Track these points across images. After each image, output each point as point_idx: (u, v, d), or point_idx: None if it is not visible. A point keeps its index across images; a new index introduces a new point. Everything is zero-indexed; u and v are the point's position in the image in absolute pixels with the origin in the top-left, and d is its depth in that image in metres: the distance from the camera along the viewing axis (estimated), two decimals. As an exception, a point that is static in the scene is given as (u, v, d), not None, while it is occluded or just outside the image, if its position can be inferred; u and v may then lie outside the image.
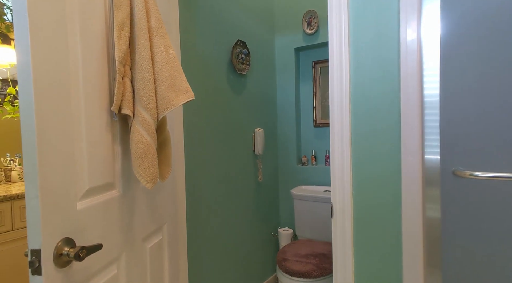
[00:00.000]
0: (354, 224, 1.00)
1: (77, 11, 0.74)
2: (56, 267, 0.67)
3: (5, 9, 2.15)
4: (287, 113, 2.36)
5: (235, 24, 1.87)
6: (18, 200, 1.78)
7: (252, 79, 2.05)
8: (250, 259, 2.03)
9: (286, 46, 2.33)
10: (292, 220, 2.39)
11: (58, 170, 0.68)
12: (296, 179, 2.35)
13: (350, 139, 1.00)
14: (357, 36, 1.00)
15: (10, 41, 2.13)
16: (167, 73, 0.84)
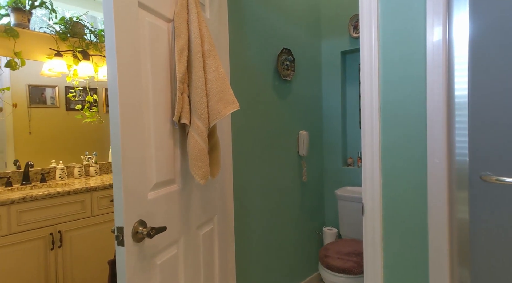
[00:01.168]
0: (383, 222, 1.08)
1: (148, 41, 0.96)
2: (133, 242, 0.89)
3: (85, 30, 2.60)
4: (332, 116, 2.43)
5: (281, 33, 2.02)
6: (95, 191, 2.16)
7: (297, 84, 2.18)
8: (295, 256, 2.16)
9: (332, 50, 2.40)
10: (336, 219, 2.46)
11: (135, 167, 0.90)
12: (341, 180, 2.41)
13: (380, 142, 1.08)
14: (386, 42, 1.07)
15: (89, 57, 2.57)
16: (217, 88, 1.03)
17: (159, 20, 1.01)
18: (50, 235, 1.94)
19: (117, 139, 0.86)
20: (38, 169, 2.35)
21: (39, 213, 1.91)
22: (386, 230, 1.08)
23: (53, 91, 2.50)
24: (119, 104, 0.85)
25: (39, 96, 2.44)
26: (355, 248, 1.87)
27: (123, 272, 0.85)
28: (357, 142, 2.43)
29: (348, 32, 2.30)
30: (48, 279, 1.94)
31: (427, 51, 0.98)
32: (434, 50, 0.98)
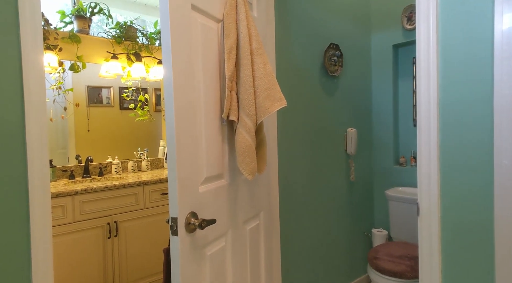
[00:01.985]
0: (441, 224, 1.03)
1: (200, 42, 1.03)
2: (186, 232, 0.96)
3: (138, 33, 2.81)
4: (383, 113, 2.35)
5: (328, 28, 2.00)
6: (147, 185, 2.34)
7: (344, 80, 2.14)
8: (341, 256, 2.14)
9: (383, 44, 2.32)
10: (386, 221, 2.38)
11: (188, 162, 0.97)
12: (392, 180, 2.32)
13: (438, 140, 1.03)
14: (446, 33, 1.02)
15: (141, 58, 2.77)
16: (264, 86, 1.07)
17: (210, 21, 1.07)
18: (107, 225, 2.15)
19: (172, 136, 0.94)
20: (96, 164, 2.61)
21: (98, 204, 2.12)
22: (445, 232, 1.03)
23: (108, 92, 2.75)
24: (174, 103, 0.93)
25: (96, 96, 2.70)
26: (407, 251, 1.80)
27: (177, 260, 0.93)
28: (410, 140, 2.31)
29: (401, 24, 2.20)
30: (106, 265, 2.14)
31: (495, 41, 0.91)
32: (503, 40, 0.91)
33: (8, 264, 0.97)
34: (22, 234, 0.99)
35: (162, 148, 3.03)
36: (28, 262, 1.00)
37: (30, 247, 1.00)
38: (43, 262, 1.01)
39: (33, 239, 1.00)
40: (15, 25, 1.00)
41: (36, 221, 1.01)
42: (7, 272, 0.97)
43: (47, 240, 1.02)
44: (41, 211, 1.02)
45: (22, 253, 0.99)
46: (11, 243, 0.98)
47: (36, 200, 1.02)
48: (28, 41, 1.01)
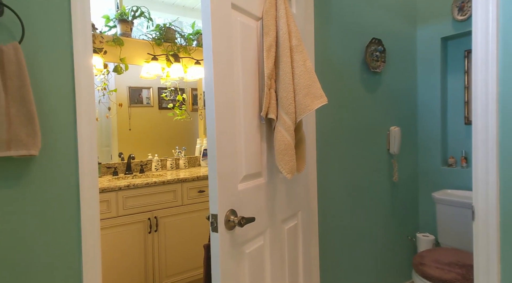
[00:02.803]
0: (501, 230, 0.96)
1: (239, 40, 1.05)
2: (226, 229, 0.99)
3: (176, 35, 2.92)
4: (430, 110, 2.23)
5: (370, 23, 1.94)
6: (185, 182, 2.43)
7: (387, 76, 2.07)
8: (383, 260, 2.07)
9: (430, 37, 2.20)
10: (433, 225, 2.26)
11: (227, 160, 1.00)
12: (440, 182, 2.20)
13: (497, 139, 0.96)
14: (508, 21, 0.94)
15: (179, 59, 2.88)
16: (304, 83, 1.06)
17: (249, 19, 1.09)
18: (148, 220, 2.26)
19: (213, 134, 0.97)
20: (137, 161, 2.76)
21: (140, 199, 2.24)
22: (505, 238, 0.96)
23: (148, 92, 2.89)
24: (214, 102, 0.96)
25: (137, 97, 2.84)
26: (458, 259, 1.70)
27: (217, 256, 0.96)
28: (461, 139, 2.17)
29: (451, 15, 2.08)
30: (146, 258, 2.26)
31: None
32: None
33: (61, 250, 1.07)
34: (73, 225, 1.09)
35: (198, 147, 3.12)
36: (78, 249, 1.09)
37: (80, 236, 1.09)
38: (92, 249, 1.10)
39: (83, 229, 1.09)
40: (68, 32, 1.09)
41: (86, 212, 1.10)
42: (60, 257, 1.06)
43: (96, 230, 1.11)
44: (90, 204, 1.11)
45: (73, 240, 1.09)
46: (64, 232, 1.07)
47: (86, 194, 1.10)
48: (79, 46, 1.10)
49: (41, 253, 1.04)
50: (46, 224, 1.05)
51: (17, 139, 0.97)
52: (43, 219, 1.05)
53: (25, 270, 1.01)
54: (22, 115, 0.98)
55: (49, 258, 1.05)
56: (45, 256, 1.05)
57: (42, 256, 1.04)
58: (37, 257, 1.03)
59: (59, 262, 1.07)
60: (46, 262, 1.05)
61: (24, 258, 1.01)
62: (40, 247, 1.04)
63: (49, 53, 1.07)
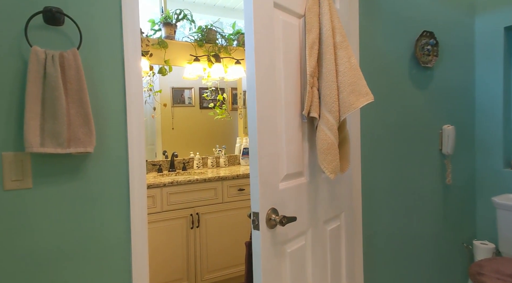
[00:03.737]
0: None
1: (281, 39, 1.06)
2: (267, 227, 1.00)
3: (217, 35, 3.00)
4: (490, 107, 2.06)
5: (420, 14, 1.84)
6: (226, 180, 2.49)
7: (440, 71, 1.95)
8: (434, 268, 1.95)
9: (491, 27, 2.03)
10: (493, 232, 2.08)
11: (269, 158, 1.01)
12: (502, 185, 2.03)
13: None
14: None
15: (220, 59, 2.95)
16: (349, 80, 1.04)
17: (291, 17, 1.09)
18: (190, 216, 2.36)
19: (254, 133, 0.98)
20: (180, 159, 2.88)
21: (182, 196, 2.34)
22: None
23: (190, 92, 3.01)
24: (256, 101, 0.98)
25: (179, 97, 2.97)
26: (522, 272, 1.55)
27: (258, 253, 0.98)
28: (525, 139, 1.98)
29: (515, -1, 1.89)
30: (188, 253, 2.36)
31: None
32: None
33: (112, 240, 1.16)
34: (123, 217, 1.18)
35: (238, 145, 3.18)
36: (128, 240, 1.17)
37: (130, 228, 1.17)
38: (140, 239, 1.17)
39: (133, 222, 1.17)
40: (119, 37, 1.18)
41: (135, 206, 1.18)
42: (112, 247, 1.15)
43: (143, 224, 1.18)
44: (139, 199, 1.19)
45: (123, 232, 1.17)
46: (116, 224, 1.16)
47: (136, 189, 1.18)
48: (129, 50, 1.18)
49: (94, 242, 1.14)
50: (99, 216, 1.15)
51: (76, 138, 1.07)
52: (97, 212, 1.14)
53: (80, 257, 1.11)
54: (80, 116, 1.08)
55: (102, 248, 1.15)
56: (98, 245, 1.14)
57: (95, 245, 1.14)
58: (91, 245, 1.13)
59: (111, 251, 1.16)
60: (99, 251, 1.14)
61: (80, 246, 1.12)
62: (94, 237, 1.14)
63: (102, 58, 1.16)
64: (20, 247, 1.04)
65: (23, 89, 1.05)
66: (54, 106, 1.03)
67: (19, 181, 1.06)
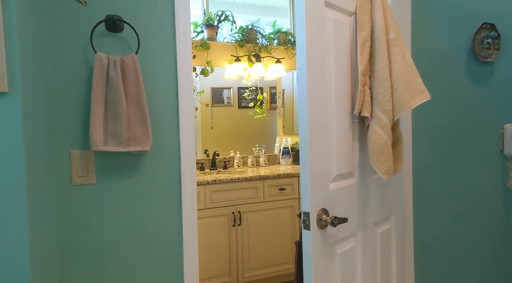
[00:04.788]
0: None
1: (332, 37, 1.05)
2: (318, 228, 1.01)
3: (257, 35, 3.03)
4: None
5: (479, 5, 1.73)
6: (266, 180, 2.52)
7: (501, 66, 1.81)
8: (491, 278, 1.83)
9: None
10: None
11: (319, 159, 1.01)
12: None
13: None
14: None
15: (261, 59, 2.98)
16: (403, 78, 1.01)
17: (342, 15, 1.08)
18: (232, 214, 2.41)
19: (305, 132, 0.99)
20: (221, 158, 2.95)
21: (224, 194, 2.40)
22: None
23: (229, 92, 3.07)
24: (307, 101, 0.98)
25: (219, 97, 3.04)
26: None
27: (309, 253, 0.98)
28: None
29: None
30: (230, 250, 2.42)
31: None
32: None
33: (166, 234, 1.23)
34: (176, 212, 1.25)
35: (277, 145, 3.19)
36: (180, 234, 1.25)
37: (181, 222, 1.24)
38: (190, 233, 1.23)
39: (184, 216, 1.23)
40: (172, 41, 1.24)
41: (186, 201, 1.24)
42: (165, 240, 1.23)
43: (194, 218, 1.25)
44: (190, 194, 1.25)
45: (176, 226, 1.25)
46: (169, 217, 1.24)
47: (187, 185, 1.24)
48: (182, 54, 1.24)
49: (150, 235, 1.21)
50: (155, 210, 1.22)
51: (134, 137, 1.15)
52: (152, 206, 1.22)
53: (136, 247, 1.20)
54: (138, 117, 1.15)
55: (156, 240, 1.22)
56: (153, 238, 1.22)
57: (150, 238, 1.21)
58: (146, 237, 1.21)
59: (164, 244, 1.23)
60: (153, 243, 1.22)
61: (136, 237, 1.20)
62: (149, 230, 1.21)
63: (157, 61, 1.23)
64: (85, 235, 1.14)
65: (87, 92, 1.14)
66: (115, 108, 1.11)
67: (84, 177, 1.15)
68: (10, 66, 0.80)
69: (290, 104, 3.28)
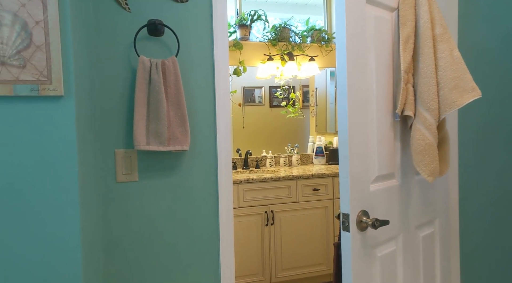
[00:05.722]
0: None
1: (372, 35, 1.03)
2: (357, 229, 0.99)
3: (290, 33, 3.01)
4: None
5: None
6: (300, 179, 2.50)
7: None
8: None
9: None
10: None
11: (359, 159, 0.99)
12: None
13: None
14: None
15: (294, 57, 2.96)
16: (451, 75, 0.96)
17: (383, 11, 1.05)
18: (265, 213, 2.43)
19: (345, 132, 0.98)
20: (253, 157, 2.97)
21: (257, 193, 2.42)
22: None
23: (260, 91, 3.08)
24: (347, 100, 0.96)
25: (250, 96, 3.06)
26: None
27: (348, 255, 0.97)
28: None
29: None
30: (263, 249, 2.43)
31: None
32: None
33: (204, 230, 1.28)
34: (213, 209, 1.28)
35: (311, 144, 3.16)
36: (217, 230, 1.29)
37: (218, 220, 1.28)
38: (227, 231, 1.27)
39: (221, 214, 1.27)
40: (210, 43, 1.27)
41: (223, 199, 1.28)
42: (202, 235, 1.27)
43: (230, 216, 1.28)
44: (226, 192, 1.28)
45: (213, 223, 1.29)
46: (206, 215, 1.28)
47: (223, 184, 1.27)
48: (219, 55, 1.27)
49: (188, 230, 1.26)
50: (193, 206, 1.26)
51: (174, 137, 1.19)
52: (190, 203, 1.26)
53: (174, 241, 1.24)
54: (178, 117, 1.19)
55: (194, 235, 1.26)
56: (191, 233, 1.26)
57: (189, 233, 1.26)
58: (185, 232, 1.25)
59: (201, 238, 1.27)
60: (191, 238, 1.26)
61: (175, 233, 1.24)
62: (187, 226, 1.26)
63: (196, 63, 1.26)
64: (127, 228, 1.20)
65: (130, 94, 1.20)
66: (157, 109, 1.15)
67: (128, 175, 1.21)
68: (66, 72, 0.86)
69: (324, 102, 3.23)
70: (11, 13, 0.80)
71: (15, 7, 0.80)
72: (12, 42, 0.81)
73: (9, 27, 0.80)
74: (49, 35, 0.82)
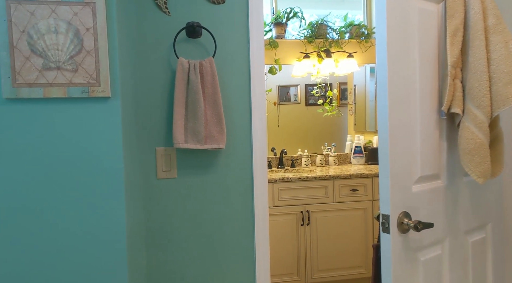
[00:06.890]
0: None
1: (416, 28, 0.98)
2: (398, 231, 0.95)
3: (327, 29, 2.96)
4: None
5: None
6: (337, 180, 2.45)
7: None
8: None
9: None
10: None
11: (400, 158, 0.96)
12: None
13: None
14: None
15: (331, 54, 2.90)
16: (506, 69, 0.90)
17: (428, 3, 1.00)
18: (300, 213, 2.41)
19: (386, 131, 0.94)
20: (288, 156, 2.96)
21: (292, 192, 2.41)
22: None
23: (295, 90, 3.05)
24: (388, 97, 0.93)
25: (285, 94, 3.05)
26: None
27: (388, 258, 0.94)
28: None
29: None
30: (299, 249, 2.42)
31: None
32: None
33: (239, 227, 1.30)
34: (248, 208, 1.30)
35: (349, 143, 3.08)
36: (252, 228, 1.30)
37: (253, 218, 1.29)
38: (262, 229, 1.28)
39: (256, 212, 1.29)
40: (246, 43, 1.29)
41: (258, 198, 1.29)
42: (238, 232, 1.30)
43: (265, 215, 1.30)
44: (261, 191, 1.29)
45: (248, 220, 1.31)
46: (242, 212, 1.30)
47: (258, 182, 1.29)
48: (254, 55, 1.28)
49: (223, 226, 1.29)
50: (228, 203, 1.29)
51: (211, 136, 1.22)
52: (226, 200, 1.29)
53: (211, 237, 1.28)
54: (214, 116, 1.22)
55: (229, 232, 1.29)
56: (226, 229, 1.29)
57: (224, 229, 1.29)
58: (221, 229, 1.29)
59: (236, 236, 1.30)
60: (226, 234, 1.29)
61: (212, 228, 1.28)
62: (224, 223, 1.29)
63: (232, 63, 1.29)
64: (167, 222, 1.26)
65: (170, 94, 1.25)
66: (195, 108, 1.19)
67: (167, 172, 1.27)
68: (112, 74, 0.92)
69: (363, 100, 3.14)
70: (65, 22, 0.88)
71: (68, 16, 0.88)
72: (66, 48, 0.88)
73: (63, 35, 0.88)
74: (97, 41, 0.88)
